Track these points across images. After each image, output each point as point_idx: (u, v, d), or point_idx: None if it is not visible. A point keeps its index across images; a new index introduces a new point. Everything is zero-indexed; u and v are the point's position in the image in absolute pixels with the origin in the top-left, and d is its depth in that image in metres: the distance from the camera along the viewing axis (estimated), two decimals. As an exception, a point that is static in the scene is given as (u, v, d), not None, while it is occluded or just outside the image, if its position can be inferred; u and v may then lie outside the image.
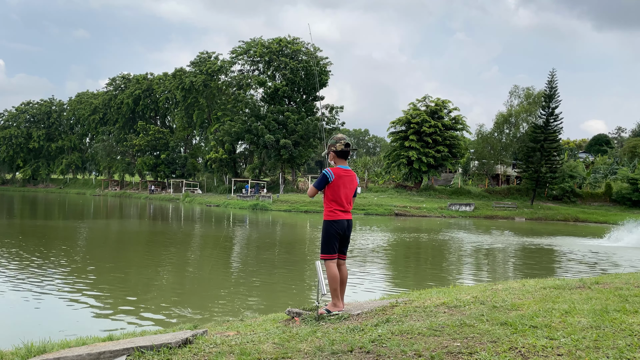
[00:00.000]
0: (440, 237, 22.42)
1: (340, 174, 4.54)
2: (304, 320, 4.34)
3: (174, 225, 27.58)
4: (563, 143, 62.36)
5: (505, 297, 4.64)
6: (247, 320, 5.27)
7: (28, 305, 8.60)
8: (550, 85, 44.06)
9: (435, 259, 16.43)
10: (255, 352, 3.09)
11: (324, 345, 3.22)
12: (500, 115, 50.97)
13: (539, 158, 43.41)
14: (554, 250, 18.93)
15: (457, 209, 40.24)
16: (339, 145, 4.60)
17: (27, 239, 18.51)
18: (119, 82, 78.08)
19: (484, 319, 3.68)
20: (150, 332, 5.23)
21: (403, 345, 3.09)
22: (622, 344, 2.92)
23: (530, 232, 26.71)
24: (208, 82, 61.25)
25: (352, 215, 4.69)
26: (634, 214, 33.98)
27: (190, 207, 46.01)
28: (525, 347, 2.94)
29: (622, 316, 3.57)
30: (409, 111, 48.05)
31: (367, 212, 37.70)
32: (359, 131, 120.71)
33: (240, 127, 52.71)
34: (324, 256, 4.53)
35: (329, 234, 4.49)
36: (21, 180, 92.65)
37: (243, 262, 14.60)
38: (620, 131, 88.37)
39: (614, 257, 16.73)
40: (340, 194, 4.51)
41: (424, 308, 4.36)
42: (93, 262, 13.23)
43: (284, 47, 54.73)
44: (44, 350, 3.53)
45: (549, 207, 42.57)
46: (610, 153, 64.15)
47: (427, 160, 45.48)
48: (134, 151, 71.39)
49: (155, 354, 3.10)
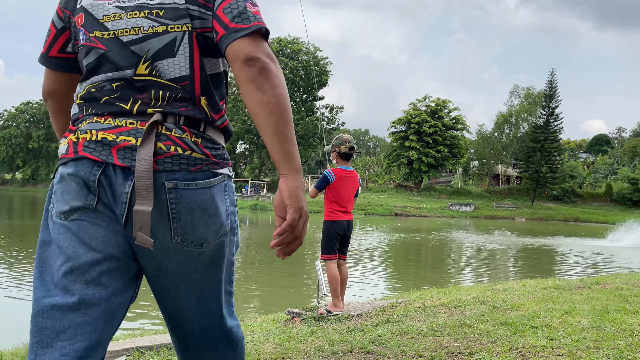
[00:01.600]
0: (440, 237, 22.42)
1: (341, 174, 4.54)
2: (304, 320, 4.34)
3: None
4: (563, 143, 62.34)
5: (506, 298, 4.64)
6: (247, 321, 5.27)
7: (28, 305, 8.58)
8: (551, 85, 44.11)
9: (436, 259, 16.44)
10: (255, 352, 3.09)
11: (324, 345, 3.22)
12: (501, 115, 51.02)
13: (539, 158, 43.44)
14: (554, 250, 18.94)
15: (458, 209, 40.26)
16: (343, 148, 4.60)
17: (27, 238, 18.52)
18: (119, 82, 78.18)
19: (484, 319, 3.68)
20: (150, 332, 5.23)
21: (403, 346, 3.09)
22: (622, 344, 2.92)
23: (530, 232, 26.72)
24: (208, 82, 61.27)
25: (353, 215, 4.70)
26: (635, 214, 33.99)
27: (190, 207, 45.99)
28: (526, 348, 2.94)
29: (623, 316, 3.57)
30: (409, 111, 48.09)
31: (367, 212, 37.71)
32: (359, 131, 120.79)
33: (240, 127, 52.75)
34: (324, 256, 4.53)
35: (328, 234, 4.49)
36: (21, 181, 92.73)
37: (243, 262, 14.61)
38: (620, 131, 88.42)
39: (614, 258, 16.74)
40: (340, 195, 4.51)
41: (424, 308, 4.36)
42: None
43: (284, 47, 54.77)
44: (44, 350, 3.52)
45: (550, 207, 42.60)
46: (610, 153, 64.18)
47: (427, 160, 45.51)
48: (134, 151, 71.47)
49: (155, 354, 3.10)
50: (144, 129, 1.27)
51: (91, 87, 1.35)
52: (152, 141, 1.25)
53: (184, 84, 1.32)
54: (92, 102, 1.34)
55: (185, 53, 1.33)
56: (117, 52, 1.32)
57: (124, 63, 1.31)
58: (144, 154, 1.24)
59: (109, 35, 1.33)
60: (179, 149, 1.29)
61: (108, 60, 1.32)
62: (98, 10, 1.34)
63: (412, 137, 45.69)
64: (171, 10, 1.32)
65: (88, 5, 1.35)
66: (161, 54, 1.31)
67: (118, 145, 1.27)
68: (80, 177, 1.27)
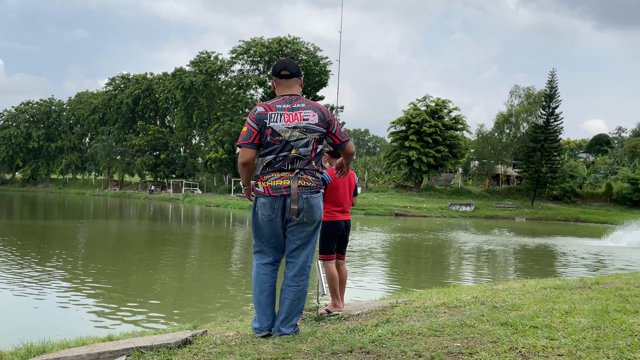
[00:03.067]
0: (440, 237, 22.42)
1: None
2: (304, 320, 4.34)
3: (173, 225, 27.59)
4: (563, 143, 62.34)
5: (506, 298, 4.64)
6: (247, 321, 5.27)
7: (28, 305, 8.60)
8: (551, 85, 44.05)
9: (436, 259, 16.44)
10: (255, 352, 3.09)
11: (324, 345, 3.22)
12: (501, 115, 50.96)
13: (539, 158, 43.39)
14: (554, 250, 18.94)
15: (458, 209, 40.24)
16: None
17: (27, 239, 18.51)
18: (119, 82, 78.03)
19: (484, 319, 3.68)
20: (149, 332, 5.23)
21: (403, 346, 3.08)
22: (622, 344, 2.92)
23: (530, 232, 26.72)
24: (208, 82, 61.21)
25: (352, 215, 4.69)
26: (635, 214, 33.98)
27: (190, 207, 46.03)
28: (526, 348, 2.94)
29: (623, 316, 3.56)
30: (409, 111, 48.05)
31: (367, 212, 37.69)
32: (358, 131, 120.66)
33: (240, 127, 52.71)
34: (322, 257, 4.53)
35: (326, 235, 4.49)
36: (21, 180, 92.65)
37: (243, 262, 14.59)
38: (620, 131, 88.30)
39: (614, 258, 16.73)
40: (336, 195, 4.50)
41: (424, 308, 4.36)
42: (93, 262, 13.23)
43: (284, 46, 54.73)
44: (44, 350, 3.52)
45: (550, 207, 42.58)
46: (610, 153, 64.13)
47: (427, 160, 45.48)
48: (134, 151, 71.36)
49: (155, 354, 3.10)
50: (293, 176, 3.43)
51: (270, 159, 3.46)
52: (296, 180, 3.42)
53: (308, 157, 3.47)
54: (270, 166, 3.46)
55: (311, 145, 3.46)
56: (283, 146, 3.43)
57: (286, 150, 3.41)
58: (293, 187, 3.43)
59: (282, 138, 3.40)
60: (308, 182, 3.50)
61: (279, 149, 3.43)
62: (277, 128, 3.40)
63: (412, 137, 45.64)
64: (310, 130, 3.44)
65: (274, 126, 3.40)
66: (302, 146, 3.44)
67: (283, 185, 3.44)
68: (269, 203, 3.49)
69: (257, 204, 3.51)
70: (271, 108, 3.42)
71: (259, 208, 3.49)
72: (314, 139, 3.45)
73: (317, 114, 3.46)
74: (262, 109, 3.43)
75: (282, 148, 3.39)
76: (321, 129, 3.45)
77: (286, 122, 3.38)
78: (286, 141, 3.38)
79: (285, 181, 3.41)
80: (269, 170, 3.45)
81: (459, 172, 59.39)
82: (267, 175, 3.46)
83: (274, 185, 3.43)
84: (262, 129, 3.37)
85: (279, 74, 3.55)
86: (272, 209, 3.45)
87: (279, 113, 3.40)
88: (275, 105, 3.44)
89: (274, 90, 3.62)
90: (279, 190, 3.41)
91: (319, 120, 3.45)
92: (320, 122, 3.45)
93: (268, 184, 3.44)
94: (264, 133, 3.38)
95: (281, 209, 3.45)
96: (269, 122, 3.37)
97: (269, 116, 3.39)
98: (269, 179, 3.44)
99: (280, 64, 3.57)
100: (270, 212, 3.45)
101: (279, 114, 3.40)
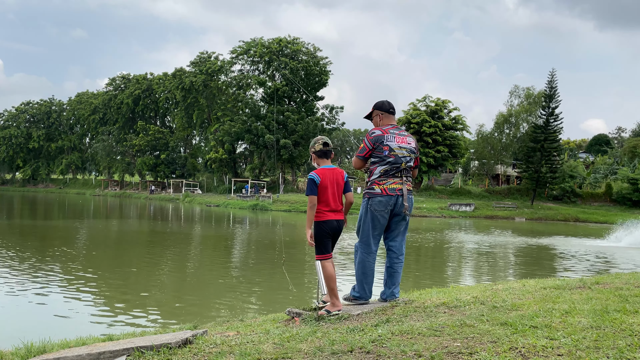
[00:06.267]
0: (440, 237, 22.42)
1: (325, 173, 4.53)
2: (304, 320, 4.34)
3: (173, 225, 27.59)
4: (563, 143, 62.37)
5: (506, 297, 4.64)
6: (247, 321, 5.27)
7: (28, 305, 8.60)
8: (550, 85, 44.03)
9: (436, 259, 16.44)
10: (255, 352, 3.09)
11: (324, 345, 3.22)
12: (501, 115, 50.98)
13: (539, 158, 43.39)
14: (554, 250, 18.94)
15: (457, 209, 40.24)
16: (317, 146, 4.59)
17: (27, 239, 18.52)
18: (119, 82, 78.07)
19: (484, 319, 3.68)
20: (150, 332, 5.23)
21: (403, 346, 3.09)
22: (622, 344, 2.92)
23: (530, 232, 26.72)
24: (208, 82, 61.24)
25: (352, 215, 4.69)
26: (635, 214, 33.96)
27: (190, 207, 46.03)
28: (526, 347, 2.94)
29: (623, 316, 3.56)
30: (409, 111, 48.07)
31: (367, 212, 37.64)
32: (358, 131, 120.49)
33: (240, 127, 52.73)
34: (319, 257, 4.52)
35: (320, 235, 4.49)
36: (21, 180, 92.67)
37: (243, 262, 14.60)
38: (620, 131, 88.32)
39: (614, 257, 16.74)
40: (326, 194, 4.49)
41: (424, 308, 4.36)
42: (93, 262, 13.23)
43: (284, 47, 54.72)
44: (44, 350, 3.52)
45: (549, 207, 42.57)
46: (610, 153, 64.11)
47: (427, 160, 45.50)
48: (134, 151, 71.39)
49: (155, 354, 3.10)
50: (402, 182, 4.62)
51: (386, 168, 4.60)
52: (404, 185, 4.63)
53: (409, 169, 4.70)
54: (386, 174, 4.59)
55: (412, 162, 4.72)
56: (396, 160, 4.59)
57: (398, 163, 4.58)
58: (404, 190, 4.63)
59: (395, 154, 4.58)
60: (410, 186, 4.71)
61: (392, 162, 4.59)
62: (393, 146, 4.59)
63: (412, 137, 45.73)
64: (412, 151, 4.70)
65: (390, 144, 4.59)
66: (408, 161, 4.66)
67: (397, 188, 4.59)
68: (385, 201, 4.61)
69: (372, 202, 4.54)
70: (387, 132, 4.62)
71: (372, 205, 4.55)
72: (415, 158, 4.74)
73: (414, 141, 4.82)
74: (380, 132, 4.61)
75: (394, 161, 4.56)
76: (416, 152, 4.78)
77: (397, 142, 4.61)
78: (398, 156, 4.57)
79: (398, 185, 4.58)
80: (385, 177, 4.57)
81: (458, 172, 59.40)
82: (383, 180, 4.57)
83: (390, 187, 4.56)
84: (379, 146, 4.55)
85: (388, 110, 4.76)
86: (386, 205, 4.54)
87: (392, 135, 4.62)
88: (389, 130, 4.66)
89: (379, 119, 4.76)
90: (394, 192, 4.55)
91: (415, 145, 4.79)
92: (416, 147, 4.78)
93: (385, 187, 4.55)
94: (379, 149, 4.55)
95: (392, 206, 4.56)
96: (385, 141, 4.56)
97: (386, 137, 4.58)
98: (386, 183, 4.56)
99: (388, 103, 4.79)
100: (384, 207, 4.54)
101: (392, 135, 4.62)
